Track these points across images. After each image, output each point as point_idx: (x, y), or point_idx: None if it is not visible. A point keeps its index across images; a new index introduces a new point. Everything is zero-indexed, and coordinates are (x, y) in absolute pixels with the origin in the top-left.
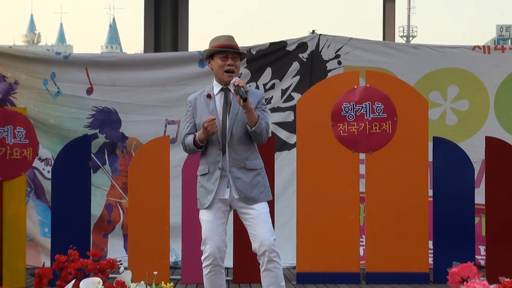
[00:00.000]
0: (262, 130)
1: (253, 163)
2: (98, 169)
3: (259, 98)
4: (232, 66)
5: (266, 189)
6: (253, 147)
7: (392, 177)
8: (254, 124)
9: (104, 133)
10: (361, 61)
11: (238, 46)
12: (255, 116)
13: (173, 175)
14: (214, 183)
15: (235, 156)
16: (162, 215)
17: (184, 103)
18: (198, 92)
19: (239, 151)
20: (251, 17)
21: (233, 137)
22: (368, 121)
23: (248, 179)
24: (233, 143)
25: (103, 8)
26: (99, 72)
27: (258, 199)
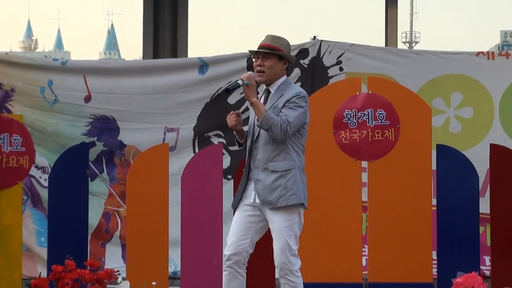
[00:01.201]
0: (272, 126)
1: (276, 165)
2: (95, 177)
3: (291, 95)
4: (261, 67)
5: (288, 192)
6: (282, 147)
7: (395, 186)
8: (259, 119)
9: (102, 141)
10: (363, 68)
11: (275, 45)
12: (260, 111)
13: (172, 183)
14: (242, 184)
15: (259, 157)
16: (161, 224)
17: (183, 110)
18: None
19: (263, 152)
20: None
21: (259, 137)
22: (370, 128)
23: (268, 182)
24: (259, 143)
25: (102, 13)
26: (97, 79)
27: (276, 203)
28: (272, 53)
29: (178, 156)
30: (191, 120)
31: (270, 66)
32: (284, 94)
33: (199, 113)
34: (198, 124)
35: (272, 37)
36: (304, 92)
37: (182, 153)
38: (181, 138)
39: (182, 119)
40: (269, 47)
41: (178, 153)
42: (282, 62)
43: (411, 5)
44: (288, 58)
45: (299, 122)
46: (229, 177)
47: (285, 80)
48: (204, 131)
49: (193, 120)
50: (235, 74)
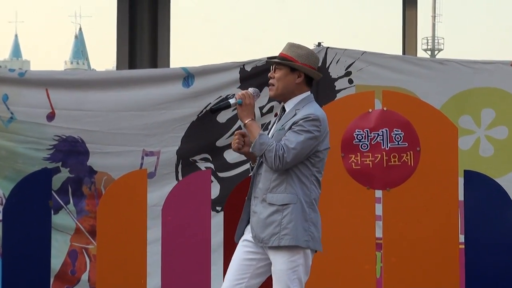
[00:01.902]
0: (266, 153)
1: (275, 197)
2: (60, 209)
3: (299, 118)
4: (272, 79)
5: (282, 231)
6: (284, 177)
7: (415, 220)
8: (252, 143)
9: (68, 167)
10: (376, 80)
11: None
12: (253, 134)
13: (150, 216)
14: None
15: (260, 186)
16: (138, 265)
17: (165, 131)
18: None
19: (264, 180)
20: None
21: (262, 163)
22: (385, 151)
23: (263, 216)
24: (262, 169)
25: (68, 16)
26: (62, 94)
27: (267, 241)
28: (282, 63)
29: (158, 184)
30: (174, 142)
31: (279, 78)
32: (298, 114)
33: (183, 133)
34: (183, 146)
35: (289, 45)
36: (319, 114)
37: (163, 180)
38: (162, 163)
39: (164, 141)
40: (282, 57)
41: (158, 181)
42: (296, 74)
43: (433, 6)
44: (303, 70)
45: (304, 150)
46: (218, 209)
47: (305, 97)
48: (190, 154)
49: (176, 142)
50: (226, 88)
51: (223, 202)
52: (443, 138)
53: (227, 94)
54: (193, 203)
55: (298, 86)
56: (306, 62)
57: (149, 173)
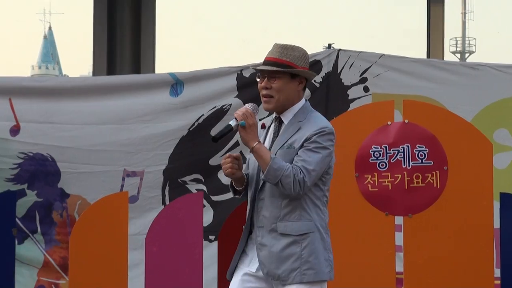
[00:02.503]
0: (282, 179)
1: (289, 226)
2: (25, 238)
3: (311, 133)
4: (267, 90)
5: (304, 265)
6: (297, 202)
7: (442, 251)
8: (264, 170)
9: (35, 190)
10: (396, 87)
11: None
12: (265, 159)
13: (132, 246)
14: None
15: (265, 214)
16: None
17: (150, 147)
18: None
19: (271, 207)
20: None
21: (264, 187)
22: (407, 171)
23: (276, 249)
24: (264, 193)
25: (35, 13)
26: (29, 104)
27: (286, 278)
28: (281, 70)
29: (141, 210)
30: (160, 160)
31: (279, 89)
32: (303, 127)
33: (171, 150)
34: (170, 165)
35: (280, 47)
36: (331, 126)
37: (147, 205)
38: (146, 184)
39: (148, 159)
40: (277, 62)
41: (141, 206)
42: (297, 81)
43: (463, 1)
44: (305, 74)
45: (322, 169)
46: (211, 238)
47: (303, 106)
48: (178, 175)
49: (163, 160)
50: (221, 97)
51: (218, 230)
52: (475, 155)
53: (222, 105)
54: (182, 232)
55: (299, 93)
56: (304, 65)
57: (130, 196)
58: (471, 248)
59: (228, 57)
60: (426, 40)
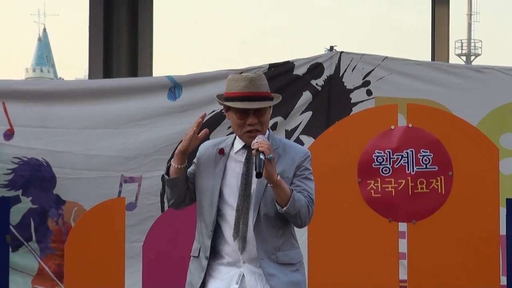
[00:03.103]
0: (300, 210)
1: (288, 255)
2: (20, 246)
3: (300, 160)
4: (255, 126)
5: None
6: (289, 231)
7: (447, 258)
8: (286, 203)
9: (29, 196)
10: (400, 91)
11: (266, 90)
12: (286, 191)
13: (130, 254)
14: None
15: (264, 246)
16: None
17: (147, 152)
18: (214, 141)
19: (268, 238)
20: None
21: (260, 219)
22: (411, 176)
23: (286, 277)
24: (261, 227)
25: (30, 14)
26: (23, 108)
27: None
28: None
29: (139, 218)
30: (158, 165)
31: (266, 122)
32: (283, 154)
33: (169, 155)
34: None
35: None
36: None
37: (145, 212)
38: (145, 191)
39: (146, 165)
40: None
41: (139, 213)
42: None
43: (468, 2)
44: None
45: None
46: None
47: (270, 133)
48: None
49: (161, 165)
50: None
51: None
52: (480, 160)
53: (221, 109)
54: (180, 239)
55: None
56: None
57: (128, 203)
58: (477, 256)
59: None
60: (431, 42)
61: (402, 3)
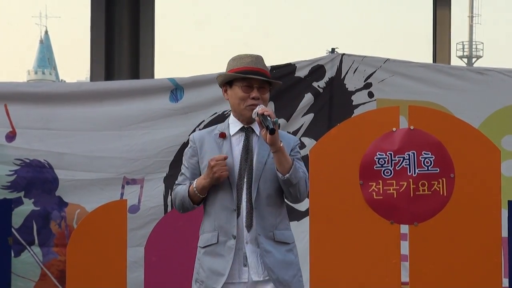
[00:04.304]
0: (299, 181)
1: (284, 235)
2: (22, 251)
3: (293, 144)
4: (258, 100)
5: (299, 272)
6: (284, 212)
7: (448, 260)
8: (288, 170)
9: (32, 198)
10: (402, 93)
11: (268, 71)
12: (288, 159)
13: (131, 257)
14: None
15: (262, 222)
16: None
17: (150, 154)
18: (206, 130)
19: (268, 215)
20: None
21: (260, 195)
22: (412, 178)
23: (280, 256)
24: (260, 203)
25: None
26: (25, 109)
27: (290, 284)
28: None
29: (142, 220)
30: (160, 167)
31: (267, 99)
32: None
33: (172, 157)
34: (172, 173)
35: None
36: None
37: (148, 215)
38: (147, 193)
39: (148, 167)
40: (265, 74)
41: (143, 216)
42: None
43: (470, 4)
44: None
45: None
46: None
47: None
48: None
49: (163, 167)
50: (222, 102)
51: None
52: (482, 162)
53: (223, 111)
54: (183, 241)
55: None
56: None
57: (131, 206)
58: (479, 257)
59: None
60: (432, 45)
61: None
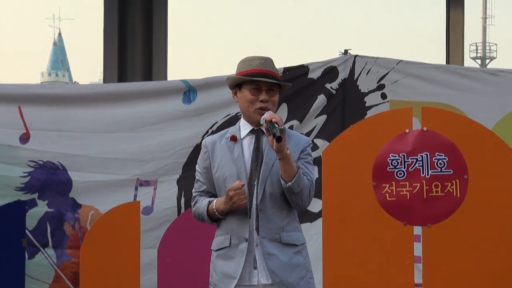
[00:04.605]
0: (303, 189)
1: (292, 236)
2: (36, 253)
3: (304, 145)
4: (267, 103)
5: (308, 274)
6: (293, 213)
7: (462, 262)
8: (292, 178)
9: (46, 200)
10: (415, 94)
11: (277, 73)
12: (293, 167)
13: (145, 259)
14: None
15: (267, 224)
16: None
17: (163, 155)
18: (218, 134)
19: (273, 217)
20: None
21: (266, 197)
22: (425, 180)
23: (286, 258)
24: (266, 205)
25: (45, 18)
26: (39, 111)
27: (297, 286)
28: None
29: (156, 222)
30: (174, 169)
31: (276, 102)
32: (289, 140)
33: (185, 159)
34: (185, 175)
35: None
36: None
37: (162, 217)
38: (161, 194)
39: (162, 168)
40: (275, 76)
41: (156, 218)
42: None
43: (483, 5)
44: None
45: None
46: None
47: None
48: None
49: (177, 169)
50: (235, 104)
51: None
52: (496, 163)
53: (236, 112)
54: (196, 243)
55: None
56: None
57: (145, 207)
58: (492, 260)
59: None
60: (446, 46)
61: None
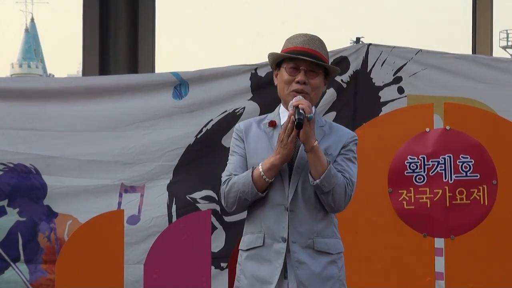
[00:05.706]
0: (335, 188)
1: (327, 243)
2: (6, 268)
3: (347, 140)
4: (303, 85)
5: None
6: (329, 216)
7: (489, 278)
8: (320, 175)
9: (16, 207)
10: (436, 88)
11: (323, 53)
12: (323, 162)
13: (130, 276)
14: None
15: (299, 227)
16: None
17: (151, 157)
18: (255, 118)
19: (308, 220)
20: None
21: (298, 195)
22: (448, 185)
23: (317, 268)
24: (298, 204)
25: (15, 1)
26: (8, 107)
27: None
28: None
29: (142, 233)
30: (163, 173)
31: (317, 86)
32: (329, 133)
33: (176, 161)
34: (176, 179)
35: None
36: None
37: (150, 227)
38: (148, 202)
39: (150, 172)
40: (318, 56)
41: (143, 228)
42: (325, 80)
43: None
44: (335, 72)
45: None
46: (223, 265)
47: (315, 109)
48: (187, 191)
49: (167, 173)
50: (232, 99)
51: (229, 256)
52: None
53: (234, 108)
54: (187, 257)
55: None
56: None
57: (130, 216)
58: None
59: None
60: (472, 33)
61: None
